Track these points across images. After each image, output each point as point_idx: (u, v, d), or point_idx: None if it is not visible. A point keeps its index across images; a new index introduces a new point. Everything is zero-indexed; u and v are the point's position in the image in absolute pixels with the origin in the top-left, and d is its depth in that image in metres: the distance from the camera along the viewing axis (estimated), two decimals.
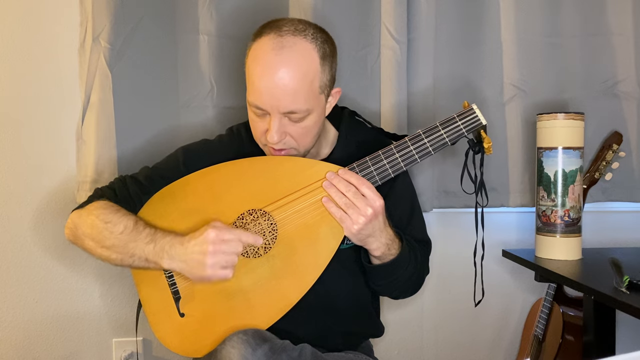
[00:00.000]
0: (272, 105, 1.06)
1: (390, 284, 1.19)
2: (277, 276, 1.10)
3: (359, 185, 1.07)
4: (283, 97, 1.05)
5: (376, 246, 1.10)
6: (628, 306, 1.08)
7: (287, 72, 1.04)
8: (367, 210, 1.05)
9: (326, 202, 1.09)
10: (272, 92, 1.05)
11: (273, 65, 1.05)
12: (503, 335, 1.79)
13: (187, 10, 1.53)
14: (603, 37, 1.67)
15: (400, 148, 1.11)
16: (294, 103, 1.06)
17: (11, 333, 1.56)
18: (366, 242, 1.10)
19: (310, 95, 1.08)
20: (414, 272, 1.20)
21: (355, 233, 1.07)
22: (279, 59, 1.05)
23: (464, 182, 1.22)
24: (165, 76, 1.53)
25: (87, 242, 1.12)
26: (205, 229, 1.04)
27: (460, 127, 1.10)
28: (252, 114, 1.12)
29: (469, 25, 1.64)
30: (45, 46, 1.53)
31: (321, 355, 1.06)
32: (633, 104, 1.67)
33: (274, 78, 1.04)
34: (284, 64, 1.04)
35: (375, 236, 1.09)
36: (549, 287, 1.67)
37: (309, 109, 1.08)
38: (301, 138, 1.12)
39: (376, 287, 1.23)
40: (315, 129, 1.13)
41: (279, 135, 1.09)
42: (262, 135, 1.12)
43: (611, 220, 1.79)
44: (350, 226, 1.07)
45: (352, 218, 1.06)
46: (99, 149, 1.47)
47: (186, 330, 1.11)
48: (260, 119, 1.11)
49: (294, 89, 1.05)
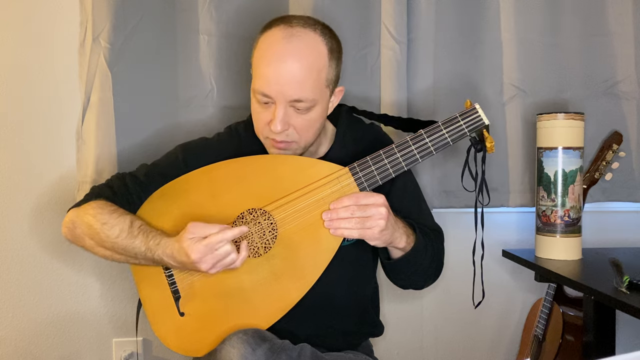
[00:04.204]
0: (279, 92, 1.06)
1: (415, 272, 1.19)
2: (277, 276, 1.10)
3: (356, 200, 1.06)
4: (290, 84, 1.05)
5: (399, 237, 1.10)
6: (628, 306, 1.08)
7: (296, 60, 1.05)
8: (381, 210, 1.05)
9: (338, 232, 1.07)
10: (280, 78, 1.05)
11: (283, 53, 1.05)
12: (503, 335, 1.79)
13: (187, 10, 1.53)
14: (603, 37, 1.67)
15: (401, 147, 1.10)
16: (301, 91, 1.06)
17: (11, 333, 1.56)
18: (392, 239, 1.10)
19: (317, 85, 1.08)
20: (433, 256, 1.19)
21: (379, 236, 1.06)
22: (289, 47, 1.06)
23: (465, 180, 1.21)
24: (165, 76, 1.53)
25: (86, 240, 1.12)
26: (181, 242, 1.02)
27: (462, 126, 1.09)
28: (257, 104, 1.12)
29: (469, 25, 1.64)
30: (45, 46, 1.53)
31: (321, 355, 1.06)
32: (633, 104, 1.67)
33: (283, 65, 1.05)
34: (294, 52, 1.05)
35: (395, 229, 1.09)
36: (549, 287, 1.66)
37: (314, 100, 1.08)
38: (304, 131, 1.12)
39: (401, 280, 1.23)
40: (318, 123, 1.13)
41: (283, 125, 1.08)
42: (265, 126, 1.12)
43: (611, 220, 1.79)
44: (373, 234, 1.06)
45: (372, 229, 1.05)
46: (99, 148, 1.47)
47: (186, 330, 1.11)
48: (264, 109, 1.10)
49: (302, 77, 1.06)
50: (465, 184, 1.24)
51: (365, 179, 1.09)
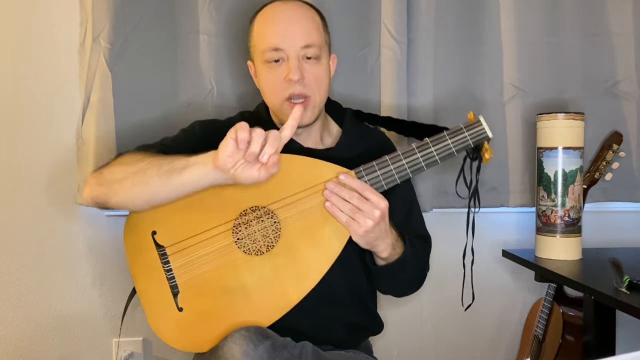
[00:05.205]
0: (291, 41, 1.14)
1: (395, 283, 1.22)
2: (279, 275, 1.10)
3: (362, 190, 1.07)
4: (299, 30, 1.15)
5: (383, 247, 1.12)
6: (628, 306, 1.08)
7: (298, 13, 1.17)
8: (375, 212, 1.06)
9: (330, 207, 1.09)
10: (288, 29, 1.15)
11: (285, 11, 1.18)
12: (503, 335, 1.79)
13: (187, 10, 1.53)
14: (603, 37, 1.67)
15: (407, 155, 1.12)
16: (309, 36, 1.15)
17: (11, 333, 1.56)
18: (374, 245, 1.11)
19: (319, 33, 1.18)
20: (416, 268, 1.21)
21: (363, 236, 1.08)
22: (289, 7, 1.18)
23: (459, 186, 1.23)
24: (165, 76, 1.53)
25: (118, 184, 1.06)
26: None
27: (467, 138, 1.12)
28: (267, 69, 1.17)
29: (469, 25, 1.64)
30: (45, 46, 1.53)
31: (322, 354, 1.06)
32: (633, 104, 1.67)
33: (288, 17, 1.17)
34: (294, 9, 1.18)
35: (382, 238, 1.10)
36: (549, 287, 1.66)
37: (321, 46, 1.17)
38: (317, 83, 1.17)
39: (381, 287, 1.26)
40: (326, 79, 1.20)
41: (299, 73, 1.14)
42: (281, 85, 1.15)
43: (611, 220, 1.79)
44: (357, 230, 1.07)
45: (359, 222, 1.06)
46: (99, 148, 1.47)
47: (184, 325, 1.11)
48: (276, 69, 1.16)
49: (307, 25, 1.16)
50: (459, 190, 1.27)
51: (371, 184, 1.10)
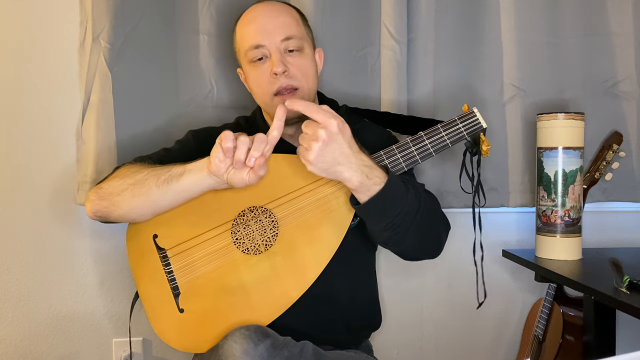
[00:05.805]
0: (270, 37, 1.16)
1: (394, 226, 1.03)
2: (278, 273, 1.10)
3: (309, 112, 0.97)
4: (277, 25, 1.17)
5: (349, 175, 0.98)
6: (628, 306, 1.08)
7: (275, 9, 1.21)
8: (320, 132, 0.95)
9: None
10: (267, 25, 1.18)
11: (262, 9, 1.21)
12: (503, 335, 1.79)
13: (187, 10, 1.53)
14: (603, 37, 1.67)
15: (402, 148, 1.12)
16: (289, 29, 1.18)
17: (11, 333, 1.56)
18: (336, 172, 0.98)
19: (299, 26, 1.21)
20: (417, 210, 1.04)
21: (314, 162, 0.96)
22: (267, 6, 1.22)
23: (463, 181, 1.23)
24: (165, 76, 1.53)
25: (119, 197, 1.10)
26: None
27: (461, 129, 1.12)
28: (253, 69, 1.19)
29: (469, 25, 1.63)
30: (45, 46, 1.53)
31: (323, 353, 1.06)
32: (633, 104, 1.67)
33: (266, 14, 1.20)
34: (272, 7, 1.21)
35: (342, 163, 0.97)
36: (549, 287, 1.66)
37: (301, 38, 1.19)
38: (303, 72, 1.18)
39: (380, 236, 1.08)
40: (312, 70, 1.21)
41: (282, 65, 1.15)
42: (268, 81, 1.17)
43: (611, 220, 1.79)
44: (306, 156, 0.96)
45: (305, 147, 0.97)
46: (99, 149, 1.47)
47: (185, 326, 1.11)
48: (261, 66, 1.18)
49: (284, 19, 1.19)
50: (463, 185, 1.26)
51: None
